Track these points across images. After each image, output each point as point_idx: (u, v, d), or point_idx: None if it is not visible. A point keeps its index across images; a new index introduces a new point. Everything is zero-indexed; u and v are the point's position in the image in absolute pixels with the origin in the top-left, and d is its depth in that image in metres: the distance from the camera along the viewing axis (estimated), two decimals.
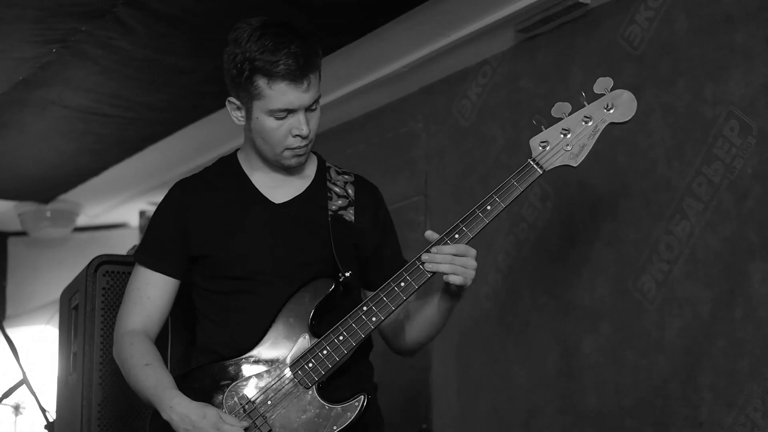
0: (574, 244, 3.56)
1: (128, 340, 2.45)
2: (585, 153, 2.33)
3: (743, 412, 2.91)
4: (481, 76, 4.03)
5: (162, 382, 2.36)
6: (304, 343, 2.35)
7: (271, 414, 2.31)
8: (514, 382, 3.74)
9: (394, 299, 2.33)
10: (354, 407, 2.32)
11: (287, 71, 2.35)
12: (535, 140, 2.35)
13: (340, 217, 2.50)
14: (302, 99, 2.39)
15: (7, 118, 4.47)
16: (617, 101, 2.32)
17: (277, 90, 2.37)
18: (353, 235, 2.50)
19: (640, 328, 3.26)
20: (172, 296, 2.51)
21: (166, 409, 2.31)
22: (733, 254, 2.99)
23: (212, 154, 5.24)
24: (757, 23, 2.97)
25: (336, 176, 2.57)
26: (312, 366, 2.33)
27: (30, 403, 4.18)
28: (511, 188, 2.32)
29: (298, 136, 2.42)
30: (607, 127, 2.35)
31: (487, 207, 2.32)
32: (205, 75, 4.08)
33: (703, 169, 3.10)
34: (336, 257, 2.42)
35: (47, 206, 5.94)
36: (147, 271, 2.49)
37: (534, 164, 2.34)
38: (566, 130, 2.32)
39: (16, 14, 3.40)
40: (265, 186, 2.52)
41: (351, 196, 2.54)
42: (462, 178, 4.05)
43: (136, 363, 2.41)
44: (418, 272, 2.32)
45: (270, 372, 2.35)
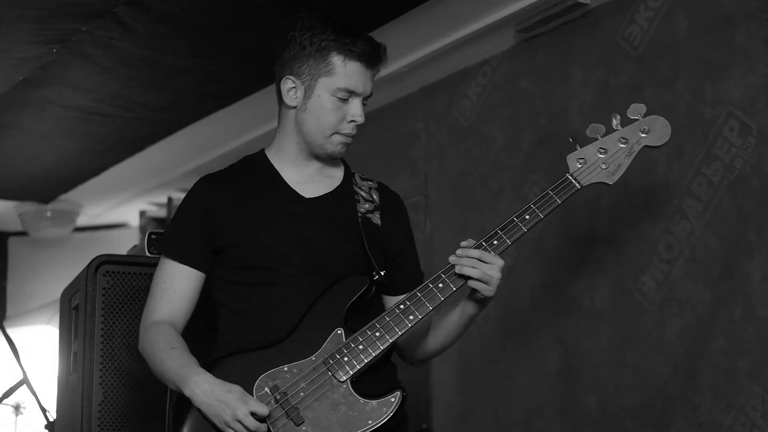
0: (574, 244, 3.56)
1: (154, 330, 2.44)
2: (621, 172, 2.45)
3: (743, 412, 2.91)
4: (481, 76, 4.03)
5: (188, 361, 2.35)
6: (338, 337, 2.35)
7: (303, 405, 2.30)
8: (514, 382, 3.74)
9: (431, 299, 2.35)
10: (390, 403, 2.32)
11: (363, 52, 2.43)
12: (572, 157, 2.45)
13: (369, 219, 2.52)
14: (367, 85, 2.46)
15: (8, 118, 4.47)
16: (652, 125, 2.47)
17: (350, 69, 2.43)
18: (380, 238, 2.52)
19: (640, 328, 3.26)
20: (198, 289, 2.50)
21: (191, 384, 2.28)
22: (733, 254, 2.99)
23: (212, 154, 5.24)
24: (757, 23, 2.97)
25: (360, 181, 2.60)
26: (347, 360, 2.32)
27: (30, 403, 4.18)
28: (550, 200, 2.40)
29: (353, 122, 2.46)
30: (641, 150, 2.47)
31: (525, 216, 2.39)
32: (205, 75, 4.08)
33: (702, 169, 3.10)
34: (371, 257, 2.44)
35: (47, 206, 5.94)
36: (173, 264, 2.48)
37: (572, 179, 2.43)
38: (604, 149, 2.45)
39: (16, 14, 3.40)
40: (295, 181, 2.53)
41: (376, 201, 2.56)
42: (462, 178, 4.06)
43: (162, 347, 2.39)
44: (455, 275, 2.35)
45: (302, 364, 2.34)
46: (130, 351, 3.05)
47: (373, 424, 2.29)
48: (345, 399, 2.31)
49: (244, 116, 4.68)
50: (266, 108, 4.53)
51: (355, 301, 2.38)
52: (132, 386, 3.03)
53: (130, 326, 3.06)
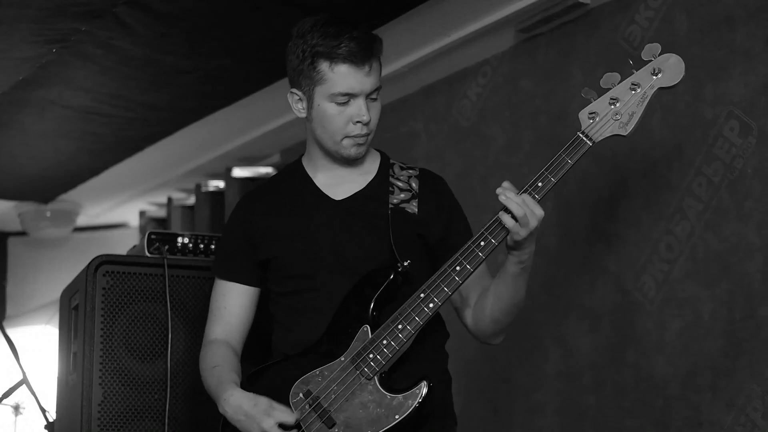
0: (574, 244, 3.56)
1: (205, 350, 2.53)
2: (635, 121, 2.28)
3: (743, 412, 2.91)
4: (481, 76, 4.03)
5: (223, 379, 2.40)
6: (364, 334, 2.34)
7: (335, 407, 2.30)
8: (514, 382, 3.74)
9: (449, 284, 2.31)
10: (415, 395, 2.28)
11: (349, 53, 2.40)
12: (583, 113, 2.30)
13: (402, 209, 2.49)
14: (363, 83, 2.44)
15: (7, 118, 4.47)
16: (664, 65, 2.30)
17: (339, 73, 2.41)
18: (416, 226, 2.49)
19: (640, 328, 3.26)
20: (251, 304, 2.55)
21: (222, 403, 2.36)
22: (733, 254, 2.99)
23: (212, 154, 5.24)
24: (757, 23, 2.97)
25: (400, 172, 2.58)
26: (372, 357, 2.31)
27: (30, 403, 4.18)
28: (562, 163, 2.29)
29: (359, 123, 2.45)
30: (656, 93, 2.32)
31: (538, 184, 2.32)
32: (205, 75, 4.08)
33: (703, 169, 3.10)
34: (394, 247, 2.41)
35: (47, 206, 5.94)
36: (222, 282, 2.56)
37: (583, 137, 2.29)
38: (614, 99, 2.29)
39: (16, 14, 3.40)
40: (327, 185, 2.53)
41: (415, 189, 2.54)
42: (462, 178, 4.05)
43: (206, 366, 2.48)
44: (472, 255, 2.30)
45: (332, 366, 2.34)
46: (129, 351, 3.05)
47: (400, 419, 2.27)
48: (373, 396, 2.30)
49: (244, 116, 4.67)
50: (266, 108, 4.54)
51: (380, 294, 2.36)
52: (132, 386, 3.03)
53: (130, 326, 3.06)
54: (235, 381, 2.40)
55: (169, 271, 3.10)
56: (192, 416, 3.05)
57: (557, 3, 3.51)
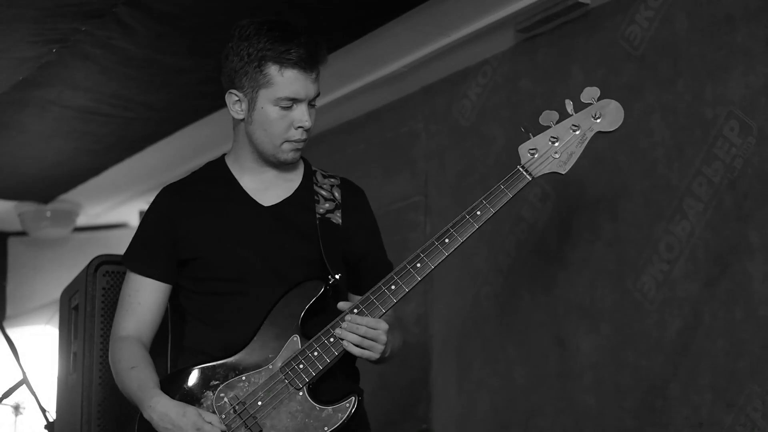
0: (574, 244, 3.56)
1: (118, 346, 2.48)
2: (573, 160, 2.37)
3: (743, 412, 2.91)
4: (481, 76, 4.03)
5: (145, 382, 2.38)
6: (294, 344, 2.36)
7: (261, 414, 2.31)
8: (514, 382, 3.74)
9: (384, 302, 2.34)
10: (345, 408, 2.33)
11: (299, 59, 2.40)
12: (523, 147, 2.39)
13: (328, 220, 2.51)
14: (309, 89, 2.43)
15: (7, 118, 4.47)
16: (604, 111, 2.37)
17: (287, 77, 2.40)
18: (341, 238, 2.51)
19: (640, 328, 3.26)
20: (164, 300, 2.52)
21: (146, 408, 2.33)
22: (733, 254, 2.99)
23: (212, 154, 5.19)
24: (757, 23, 2.97)
25: (322, 180, 2.59)
26: (302, 367, 2.33)
27: (30, 403, 4.18)
28: (501, 194, 2.36)
29: (300, 128, 2.44)
30: (594, 135, 2.39)
31: (477, 212, 2.36)
32: (204, 75, 4.08)
33: (703, 169, 3.10)
34: (325, 260, 2.43)
35: (47, 206, 5.94)
36: (137, 277, 2.51)
37: (523, 171, 2.37)
38: (555, 138, 2.37)
39: (16, 14, 3.40)
40: (254, 189, 2.53)
41: (338, 199, 2.55)
42: (462, 178, 4.05)
43: (123, 366, 2.44)
44: (408, 276, 2.33)
45: (260, 373, 2.35)
46: None
47: (329, 430, 2.31)
48: (302, 406, 2.32)
49: None
50: None
51: (311, 306, 2.38)
52: None
53: None
54: (156, 383, 2.37)
55: None
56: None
57: (557, 3, 3.51)
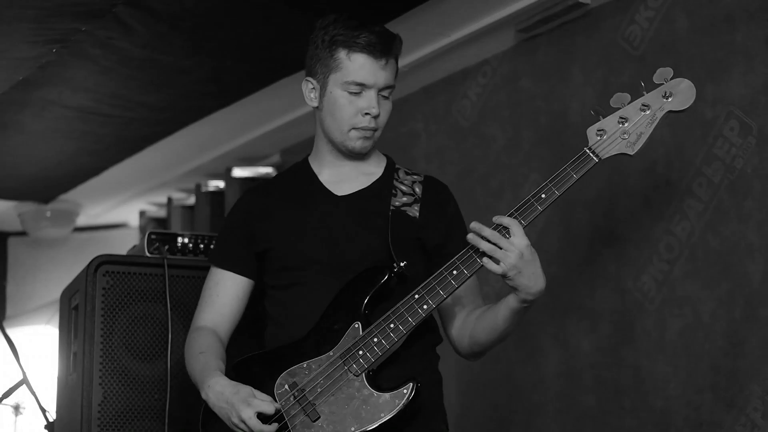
0: (574, 244, 3.56)
1: (193, 335, 2.53)
2: (642, 141, 2.32)
3: (743, 412, 2.91)
4: (481, 76, 4.03)
5: (208, 366, 2.41)
6: (355, 331, 2.34)
7: (320, 401, 2.31)
8: (514, 382, 3.74)
9: (445, 287, 2.30)
10: (402, 395, 2.28)
11: (367, 43, 2.41)
12: (591, 129, 2.33)
13: (403, 212, 2.49)
14: (377, 76, 2.43)
15: (7, 118, 4.47)
16: (676, 89, 2.32)
17: (355, 61, 2.42)
18: (415, 229, 2.49)
19: (640, 328, 3.26)
20: (243, 295, 2.56)
21: (205, 388, 2.36)
22: (733, 254, 2.99)
23: (212, 154, 5.24)
24: (757, 23, 2.97)
25: (404, 176, 2.58)
26: (362, 353, 2.31)
27: (30, 403, 4.18)
28: (567, 177, 2.31)
29: (368, 115, 2.45)
30: (665, 115, 2.33)
31: (541, 195, 2.31)
32: (205, 75, 4.08)
33: (703, 169, 3.10)
34: (391, 247, 2.40)
35: (47, 206, 5.94)
36: (217, 271, 2.57)
37: (590, 153, 2.32)
38: (624, 118, 2.31)
39: (16, 14, 3.40)
40: (331, 181, 2.54)
41: (418, 194, 2.54)
42: (462, 178, 4.05)
43: (192, 352, 2.48)
44: (470, 260, 2.29)
45: (321, 360, 2.34)
46: (129, 351, 3.05)
47: (386, 417, 2.27)
48: (359, 393, 2.30)
49: (244, 116, 4.67)
50: (266, 108, 4.54)
51: (374, 293, 2.36)
52: (132, 386, 3.03)
53: (130, 326, 3.06)
54: (220, 368, 2.40)
55: (169, 271, 3.10)
56: (192, 416, 3.05)
57: (557, 3, 3.51)
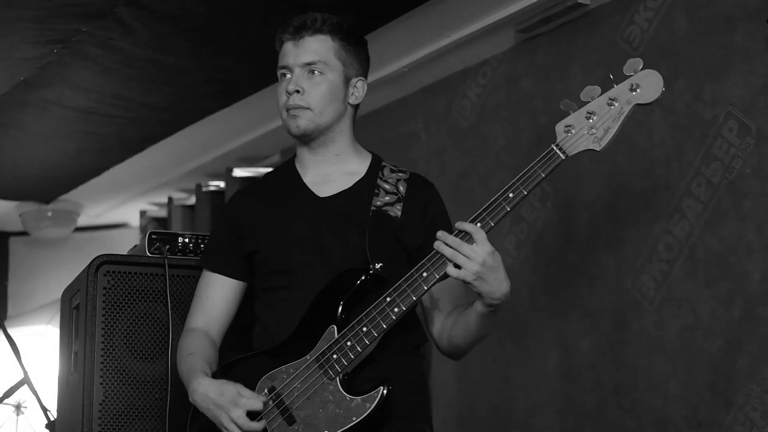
0: (574, 244, 3.56)
1: (184, 337, 2.55)
2: (609, 136, 2.24)
3: (742, 412, 2.92)
4: (481, 76, 4.03)
5: (195, 368, 2.42)
6: (331, 334, 2.35)
7: (296, 404, 2.32)
8: (514, 382, 3.74)
9: (415, 289, 2.28)
10: (373, 398, 2.28)
11: (287, 29, 2.52)
12: (560, 125, 2.27)
13: (384, 212, 2.49)
14: (295, 54, 2.50)
15: (8, 119, 4.48)
16: (643, 81, 2.24)
17: (282, 49, 2.54)
18: (396, 229, 2.48)
19: (640, 328, 3.26)
20: (234, 297, 2.57)
21: (191, 391, 2.38)
22: (733, 254, 3.00)
23: (212, 154, 5.25)
24: (757, 23, 2.98)
25: (389, 174, 2.57)
26: (336, 357, 2.31)
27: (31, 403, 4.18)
28: (534, 175, 2.28)
29: (287, 93, 2.50)
30: (633, 109, 2.26)
31: (509, 194, 2.28)
32: (205, 75, 4.08)
33: (702, 169, 3.11)
34: (367, 249, 2.40)
35: (48, 206, 5.95)
36: (208, 273, 2.59)
37: (557, 149, 2.27)
38: (591, 113, 2.25)
39: (16, 14, 3.41)
40: (314, 182, 2.55)
41: (401, 192, 2.53)
42: (462, 178, 4.06)
43: (182, 354, 2.50)
44: (439, 262, 2.27)
45: (298, 364, 2.35)
46: (130, 351, 3.05)
47: (357, 420, 2.28)
48: (333, 396, 2.31)
49: (244, 116, 4.68)
50: (266, 108, 4.55)
51: (350, 295, 2.36)
52: (132, 386, 3.03)
53: (131, 326, 3.06)
54: (205, 371, 2.41)
55: (170, 271, 3.10)
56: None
57: (557, 3, 3.51)
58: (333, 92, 2.49)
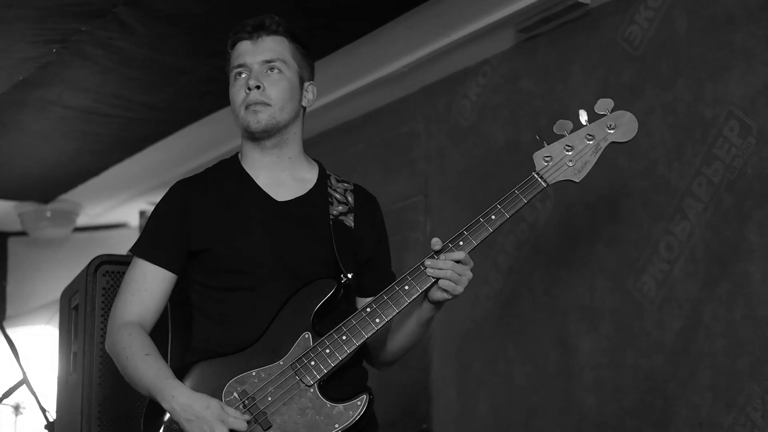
0: (574, 244, 3.56)
1: (126, 332, 2.44)
2: (587, 169, 2.42)
3: (743, 412, 2.91)
4: (481, 76, 4.03)
5: (162, 371, 2.36)
6: (305, 341, 2.36)
7: (271, 410, 2.31)
8: (514, 382, 3.74)
9: (397, 302, 2.34)
10: (356, 406, 2.33)
11: (242, 29, 2.55)
12: (538, 155, 2.43)
13: (341, 222, 2.52)
14: (253, 52, 2.51)
15: (8, 118, 4.47)
16: (619, 121, 2.41)
17: (235, 49, 2.55)
18: (352, 240, 2.52)
19: (640, 328, 3.26)
20: (169, 290, 2.50)
21: (168, 398, 2.30)
22: (733, 254, 2.99)
23: (212, 154, 5.24)
24: (757, 23, 2.97)
25: (336, 183, 2.60)
26: (314, 364, 2.33)
27: (30, 403, 4.18)
28: (516, 199, 2.40)
29: (251, 90, 2.49)
30: (608, 146, 2.42)
31: (491, 216, 2.39)
32: (205, 75, 4.08)
33: (703, 169, 3.10)
34: (338, 259, 2.44)
35: (47, 206, 5.94)
36: (145, 264, 2.49)
37: (538, 177, 2.41)
38: (570, 146, 2.41)
39: (16, 14, 3.40)
40: (268, 185, 2.54)
41: (351, 203, 2.57)
42: (462, 178, 4.06)
43: (135, 353, 2.40)
44: (422, 276, 2.34)
45: (270, 368, 2.35)
46: None
47: (340, 428, 2.31)
48: (312, 403, 2.32)
49: None
50: None
51: (323, 304, 2.39)
52: (132, 386, 3.03)
53: None
54: (173, 374, 2.35)
55: None
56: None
57: (557, 3, 3.51)
58: (291, 90, 2.52)
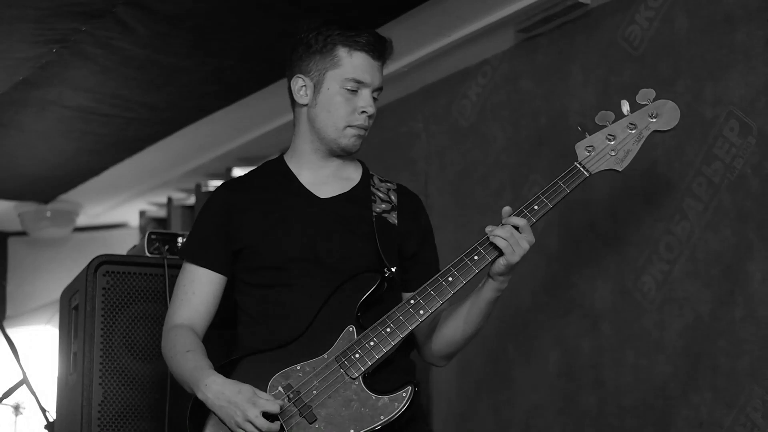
0: (574, 244, 3.56)
1: (173, 333, 2.48)
2: (630, 158, 2.44)
3: (743, 412, 2.91)
4: (481, 76, 4.03)
5: (200, 364, 2.38)
6: (349, 334, 2.36)
7: (316, 403, 2.31)
8: (514, 382, 3.74)
9: (441, 293, 2.35)
10: (402, 398, 2.32)
11: (368, 43, 2.49)
12: (580, 145, 2.43)
13: (384, 219, 2.53)
14: (375, 76, 2.51)
15: (7, 118, 4.47)
16: (661, 110, 2.44)
17: (356, 58, 2.48)
18: (396, 237, 2.52)
19: (640, 328, 3.26)
20: (218, 292, 2.53)
21: (202, 388, 2.32)
22: (733, 254, 2.99)
23: (212, 154, 5.25)
24: (757, 23, 2.97)
25: (379, 183, 2.61)
26: (359, 357, 2.33)
27: (30, 403, 4.18)
28: (558, 189, 2.41)
29: (364, 113, 2.49)
30: (651, 134, 2.45)
31: (534, 207, 2.40)
32: (205, 75, 4.08)
33: (703, 169, 3.10)
34: (382, 253, 2.44)
35: (47, 206, 5.94)
36: (192, 267, 2.52)
37: (581, 167, 2.42)
38: (612, 135, 2.43)
39: (16, 14, 3.40)
40: (311, 183, 2.55)
41: (394, 201, 2.58)
42: (462, 178, 4.06)
43: (178, 350, 2.43)
44: (465, 268, 2.36)
45: (315, 362, 2.35)
46: (129, 351, 3.05)
47: (385, 420, 2.30)
48: (357, 395, 2.31)
49: (244, 116, 4.68)
50: (266, 108, 4.55)
51: (366, 298, 2.39)
52: (132, 386, 3.04)
53: (130, 326, 3.06)
54: (211, 367, 2.37)
55: (170, 271, 3.10)
56: None
57: (557, 3, 3.51)
58: None
